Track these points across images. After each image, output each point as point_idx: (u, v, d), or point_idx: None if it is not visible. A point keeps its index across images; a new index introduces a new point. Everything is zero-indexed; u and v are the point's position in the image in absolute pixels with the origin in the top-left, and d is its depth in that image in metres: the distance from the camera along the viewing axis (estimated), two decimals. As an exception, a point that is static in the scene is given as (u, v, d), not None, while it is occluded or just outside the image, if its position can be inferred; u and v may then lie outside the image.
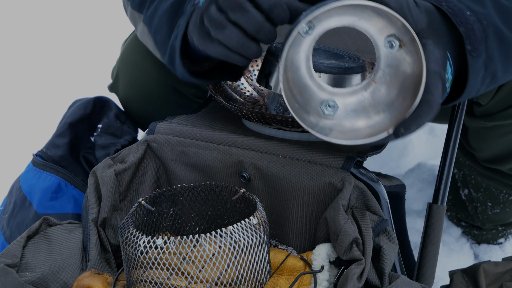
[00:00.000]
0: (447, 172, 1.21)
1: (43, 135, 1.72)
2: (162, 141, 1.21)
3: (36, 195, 1.48)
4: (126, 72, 1.55)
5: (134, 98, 1.56)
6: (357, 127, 1.02)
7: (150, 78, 1.50)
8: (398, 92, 0.99)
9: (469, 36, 1.02)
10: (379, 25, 0.98)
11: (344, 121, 1.02)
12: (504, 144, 1.41)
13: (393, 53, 0.98)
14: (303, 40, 1.00)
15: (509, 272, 1.30)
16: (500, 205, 1.58)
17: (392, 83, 0.99)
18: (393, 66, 0.99)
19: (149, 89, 1.52)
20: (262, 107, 1.29)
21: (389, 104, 1.00)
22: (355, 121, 1.02)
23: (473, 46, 1.02)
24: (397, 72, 0.99)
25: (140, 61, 1.49)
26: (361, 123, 1.02)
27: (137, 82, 1.53)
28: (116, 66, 1.59)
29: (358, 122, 1.02)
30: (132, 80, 1.54)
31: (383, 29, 0.98)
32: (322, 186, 1.11)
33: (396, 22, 0.96)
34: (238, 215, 1.13)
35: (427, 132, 2.11)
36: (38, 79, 2.58)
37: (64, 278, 1.08)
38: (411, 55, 0.97)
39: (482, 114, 1.36)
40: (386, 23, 0.97)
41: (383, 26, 0.97)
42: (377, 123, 1.01)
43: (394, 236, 1.12)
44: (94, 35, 2.81)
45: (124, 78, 1.56)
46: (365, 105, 1.02)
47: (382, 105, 1.00)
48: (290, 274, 1.08)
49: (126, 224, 1.05)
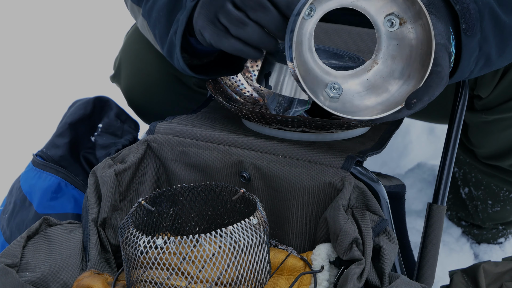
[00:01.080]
0: (447, 172, 1.22)
1: (43, 135, 1.72)
2: (162, 141, 1.21)
3: (36, 195, 1.48)
4: (128, 61, 1.56)
5: (136, 87, 1.56)
6: (368, 104, 1.02)
7: (152, 67, 1.51)
8: (403, 69, 1.00)
9: (464, 15, 1.04)
10: (378, 4, 0.99)
11: (352, 101, 1.03)
12: (504, 139, 1.41)
13: (394, 31, 0.99)
14: (305, 23, 1.01)
15: (509, 272, 1.30)
16: (500, 203, 1.58)
17: (396, 60, 1.00)
18: (395, 43, 1.00)
19: (151, 78, 1.52)
20: (262, 107, 1.29)
21: (397, 80, 1.01)
22: (364, 100, 1.03)
23: (467, 25, 1.05)
24: (400, 49, 1.00)
25: (142, 50, 1.49)
26: (370, 101, 1.02)
27: (139, 71, 1.54)
28: (118, 57, 1.60)
29: (366, 100, 1.02)
30: (135, 70, 1.55)
31: (383, 7, 0.99)
32: (322, 186, 1.11)
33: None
34: (238, 215, 1.13)
35: (427, 132, 2.11)
36: (38, 79, 2.58)
37: (64, 278, 1.08)
38: (414, 30, 0.98)
39: (483, 108, 1.37)
40: (385, 2, 0.98)
41: (383, 4, 0.99)
42: (388, 99, 1.01)
43: (394, 236, 1.12)
44: (94, 35, 2.81)
45: (127, 67, 1.56)
46: (370, 85, 1.02)
47: (390, 82, 1.01)
48: (290, 274, 1.08)
49: (126, 224, 1.05)
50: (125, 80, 1.58)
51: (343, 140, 1.20)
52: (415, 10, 0.97)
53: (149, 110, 1.58)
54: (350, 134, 1.21)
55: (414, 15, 0.98)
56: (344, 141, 1.20)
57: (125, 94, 1.60)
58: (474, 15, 1.05)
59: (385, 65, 1.01)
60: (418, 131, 2.10)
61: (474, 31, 1.05)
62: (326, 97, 1.03)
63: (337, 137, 1.19)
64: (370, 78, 1.02)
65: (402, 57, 1.00)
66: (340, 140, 1.20)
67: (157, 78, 1.52)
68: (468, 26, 1.04)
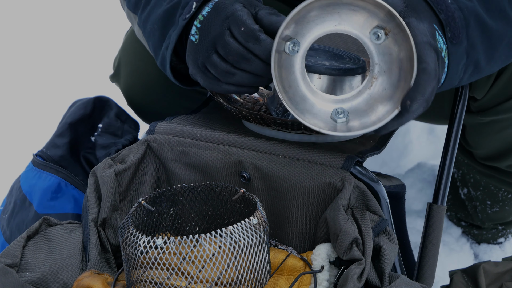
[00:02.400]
0: (447, 172, 1.22)
1: (43, 135, 1.72)
2: (162, 141, 1.21)
3: (36, 195, 1.48)
4: (127, 60, 1.56)
5: (135, 86, 1.56)
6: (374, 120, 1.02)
7: (151, 67, 1.51)
8: (399, 76, 1.00)
9: (449, 24, 1.05)
10: (360, 21, 0.99)
11: (358, 118, 1.03)
12: (501, 140, 1.41)
13: (382, 43, 0.99)
14: (293, 59, 1.03)
15: (509, 272, 1.30)
16: (499, 203, 1.58)
17: (392, 70, 1.00)
18: (386, 54, 1.00)
19: (151, 78, 1.53)
20: (262, 107, 1.29)
21: (398, 88, 1.01)
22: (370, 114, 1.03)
23: (453, 33, 1.05)
24: (391, 58, 1.00)
25: (141, 50, 1.49)
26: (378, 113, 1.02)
27: (138, 70, 1.54)
28: (117, 56, 1.60)
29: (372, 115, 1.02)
30: (134, 69, 1.55)
31: (366, 24, 0.99)
32: (322, 186, 1.11)
33: (377, 12, 0.97)
34: (238, 215, 1.13)
35: (427, 132, 2.11)
36: (38, 79, 2.58)
37: (64, 278, 1.08)
38: (400, 36, 0.98)
39: (478, 110, 1.37)
40: (366, 17, 0.99)
41: (364, 20, 0.99)
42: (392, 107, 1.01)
43: (394, 236, 1.12)
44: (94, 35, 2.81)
45: (126, 66, 1.56)
46: (374, 100, 1.02)
47: (393, 91, 1.01)
48: (290, 274, 1.08)
49: (126, 224, 1.05)
50: (124, 80, 1.58)
51: (343, 140, 1.20)
52: (394, 21, 0.98)
53: (149, 109, 1.58)
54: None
55: (396, 25, 0.98)
56: (344, 141, 1.20)
57: (125, 94, 1.60)
58: (460, 23, 1.05)
59: (384, 78, 1.01)
60: (418, 131, 2.10)
61: (460, 39, 1.05)
62: (335, 122, 1.04)
63: (337, 138, 1.19)
64: (374, 93, 1.03)
65: (396, 65, 1.01)
66: (340, 141, 1.20)
67: (156, 77, 1.52)
68: (454, 34, 1.05)
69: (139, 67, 1.54)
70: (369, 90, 1.03)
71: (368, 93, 1.03)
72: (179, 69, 1.22)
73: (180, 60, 1.20)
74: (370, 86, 1.03)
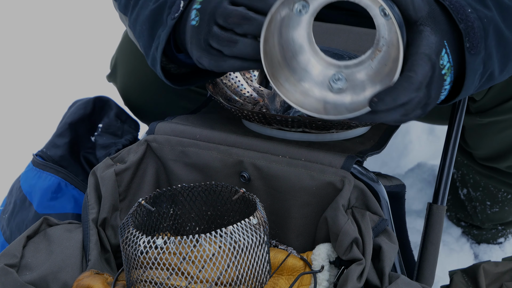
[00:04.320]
0: (447, 172, 1.22)
1: (43, 135, 1.72)
2: (162, 141, 1.21)
3: (36, 195, 1.48)
4: (124, 60, 1.56)
5: (132, 86, 1.56)
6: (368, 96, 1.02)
7: (147, 66, 1.50)
8: (392, 64, 1.00)
9: (469, 34, 1.03)
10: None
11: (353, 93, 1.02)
12: (500, 141, 1.41)
13: (388, 21, 0.99)
14: (300, 19, 1.02)
15: (509, 272, 1.30)
16: (499, 204, 1.58)
17: (395, 48, 1.00)
18: (393, 30, 1.00)
19: (147, 77, 1.52)
20: (262, 107, 1.29)
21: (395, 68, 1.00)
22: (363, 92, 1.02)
23: (471, 43, 1.03)
24: (388, 42, 1.00)
25: (137, 49, 1.49)
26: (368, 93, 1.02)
27: (135, 70, 1.54)
28: (114, 56, 1.60)
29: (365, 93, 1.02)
30: (130, 68, 1.55)
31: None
32: (322, 186, 1.11)
33: None
34: (238, 215, 1.13)
35: (427, 132, 2.11)
36: (38, 79, 2.58)
37: (64, 278, 1.08)
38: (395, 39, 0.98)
39: (477, 111, 1.37)
40: None
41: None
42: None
43: (394, 236, 1.12)
44: (94, 35, 2.81)
45: (123, 66, 1.56)
46: (374, 72, 1.02)
47: (391, 69, 1.01)
48: (290, 274, 1.08)
49: (126, 224, 1.05)
50: (121, 80, 1.58)
51: (343, 140, 1.20)
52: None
53: (146, 109, 1.58)
54: (350, 134, 1.21)
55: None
56: (344, 141, 1.20)
57: (121, 93, 1.60)
58: (479, 33, 1.03)
59: (387, 52, 1.01)
60: (418, 131, 2.10)
61: (479, 49, 1.04)
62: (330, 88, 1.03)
63: (337, 137, 1.19)
64: (374, 67, 1.02)
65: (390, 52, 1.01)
66: (340, 140, 1.20)
67: (153, 77, 1.51)
68: (472, 44, 1.03)
69: (135, 67, 1.54)
70: (371, 61, 1.03)
71: (369, 64, 1.02)
72: (168, 69, 1.22)
73: (169, 59, 1.20)
74: (373, 57, 1.02)
